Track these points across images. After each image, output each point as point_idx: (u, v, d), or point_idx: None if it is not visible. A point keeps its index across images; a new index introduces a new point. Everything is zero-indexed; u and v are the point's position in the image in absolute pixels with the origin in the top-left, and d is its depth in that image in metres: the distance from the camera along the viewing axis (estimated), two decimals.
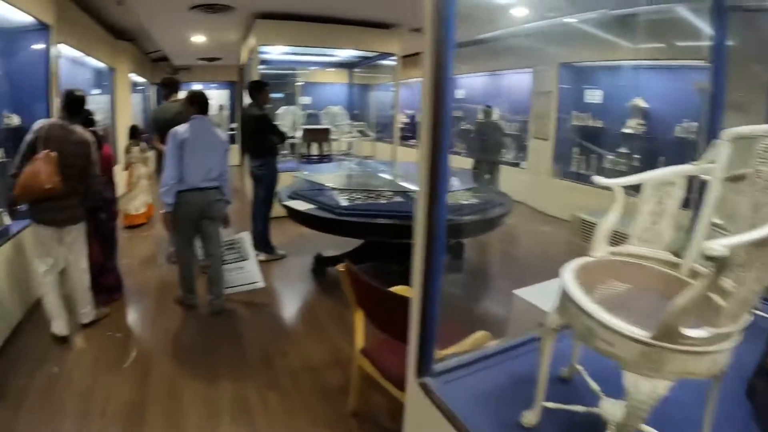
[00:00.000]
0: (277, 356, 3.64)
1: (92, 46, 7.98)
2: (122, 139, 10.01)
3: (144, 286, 5.08)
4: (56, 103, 5.33)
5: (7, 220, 4.21)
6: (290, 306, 4.72)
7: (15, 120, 5.22)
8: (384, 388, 2.43)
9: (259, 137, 5.37)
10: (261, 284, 4.50)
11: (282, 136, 5.51)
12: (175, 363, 3.56)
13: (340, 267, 2.35)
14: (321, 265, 5.21)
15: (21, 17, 4.88)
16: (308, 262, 5.42)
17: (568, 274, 1.38)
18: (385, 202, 4.61)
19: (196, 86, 10.54)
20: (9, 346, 3.77)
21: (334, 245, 5.14)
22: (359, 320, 2.56)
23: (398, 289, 2.38)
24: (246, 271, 4.47)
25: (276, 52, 8.26)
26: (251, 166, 5.53)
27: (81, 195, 3.85)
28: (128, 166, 7.30)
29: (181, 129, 4.00)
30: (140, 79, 12.37)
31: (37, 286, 4.06)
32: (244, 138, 5.81)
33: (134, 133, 7.53)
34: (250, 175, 5.63)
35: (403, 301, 1.94)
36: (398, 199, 4.70)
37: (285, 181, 5.69)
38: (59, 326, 3.84)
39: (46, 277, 3.81)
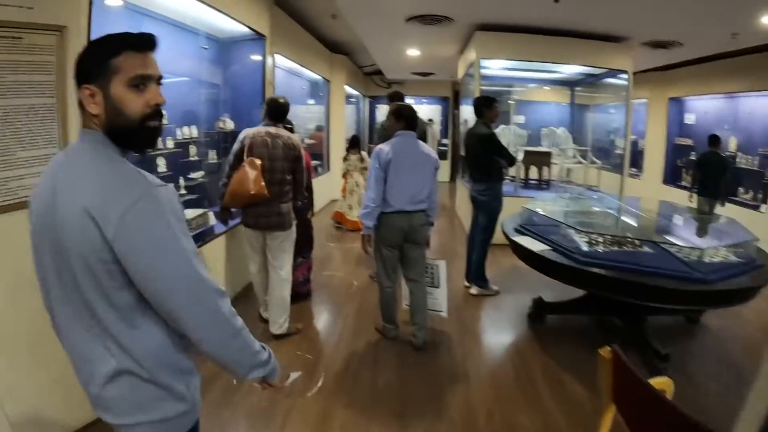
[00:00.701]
0: (482, 415, 3.06)
1: (308, 58, 8.34)
2: (335, 147, 10.39)
3: (344, 303, 4.88)
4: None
5: (212, 219, 4.51)
6: (499, 353, 4.04)
7: (229, 125, 5.44)
8: None
9: (486, 159, 4.79)
10: (444, 314, 4.08)
11: (511, 159, 4.85)
12: (363, 404, 3.16)
13: (604, 352, 1.72)
14: (540, 311, 4.46)
15: (238, 28, 5.10)
16: (524, 304, 4.68)
17: None
18: (631, 250, 3.69)
19: (408, 101, 10.49)
20: None
21: (552, 286, 4.23)
22: (608, 416, 1.89)
23: (658, 383, 1.76)
24: (434, 299, 4.05)
25: (493, 66, 7.71)
26: (473, 190, 4.98)
27: (289, 201, 3.90)
28: (345, 174, 7.74)
29: (386, 148, 3.66)
30: (354, 92, 12.76)
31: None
32: (467, 158, 5.21)
33: (354, 142, 7.84)
34: (471, 199, 5.08)
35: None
36: (646, 249, 3.74)
37: (508, 209, 5.02)
38: (266, 312, 4.15)
39: (257, 276, 4.13)
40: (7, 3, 2.25)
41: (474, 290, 5.05)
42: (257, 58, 5.61)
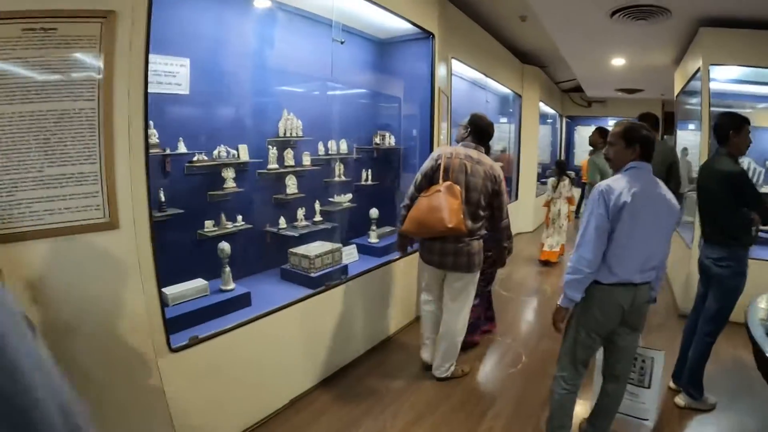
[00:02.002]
0: None
1: (494, 68, 7.50)
2: (526, 173, 9.76)
3: (501, 386, 3.59)
4: (437, 117, 4.64)
5: (346, 257, 3.99)
6: None
7: (389, 140, 4.87)
8: None
9: (732, 210, 3.14)
10: (650, 425, 2.80)
11: (766, 212, 3.14)
12: None
13: None
14: None
15: (399, 25, 4.37)
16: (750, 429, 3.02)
17: None
18: None
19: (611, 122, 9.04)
20: (344, 376, 3.61)
21: None
22: None
23: None
24: (639, 402, 2.82)
25: (719, 77, 5.75)
26: (706, 256, 3.31)
27: (480, 238, 3.37)
28: (548, 202, 7.22)
29: (617, 185, 2.37)
30: (549, 110, 11.57)
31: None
32: (700, 207, 3.44)
33: (561, 168, 7.30)
34: (700, 268, 3.39)
35: None
36: None
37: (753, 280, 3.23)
38: (427, 353, 3.70)
39: (426, 305, 3.66)
40: None
41: (682, 400, 3.36)
42: (425, 61, 4.67)
